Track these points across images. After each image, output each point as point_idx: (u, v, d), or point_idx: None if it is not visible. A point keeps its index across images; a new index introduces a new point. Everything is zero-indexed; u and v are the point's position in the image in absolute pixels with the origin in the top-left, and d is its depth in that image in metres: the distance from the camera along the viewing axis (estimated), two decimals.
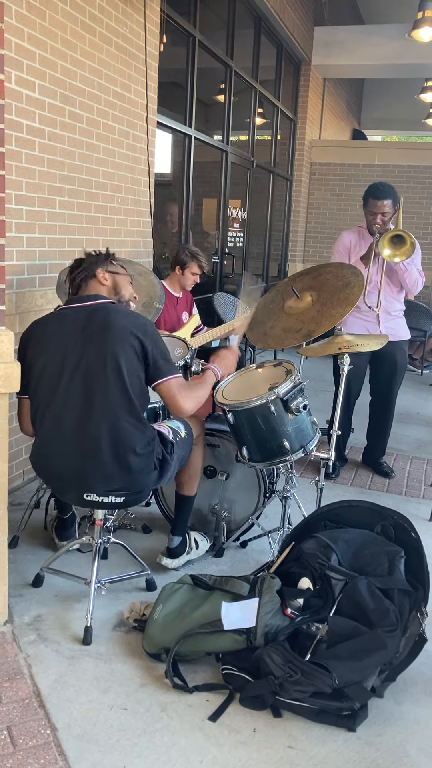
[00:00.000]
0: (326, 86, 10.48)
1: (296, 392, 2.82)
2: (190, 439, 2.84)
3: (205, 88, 6.61)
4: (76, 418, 2.47)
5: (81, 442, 2.47)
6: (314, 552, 2.52)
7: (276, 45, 8.46)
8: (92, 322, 2.50)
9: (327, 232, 10.01)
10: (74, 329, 2.50)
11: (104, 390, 2.45)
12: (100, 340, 2.46)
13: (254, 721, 2.16)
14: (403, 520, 2.61)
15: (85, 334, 2.48)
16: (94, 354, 2.45)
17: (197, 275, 4.35)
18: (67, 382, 2.47)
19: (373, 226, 3.95)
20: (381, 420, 4.39)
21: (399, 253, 3.79)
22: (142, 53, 4.61)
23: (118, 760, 1.98)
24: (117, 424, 2.46)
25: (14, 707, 2.15)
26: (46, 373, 2.49)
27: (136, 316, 2.57)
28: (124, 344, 2.46)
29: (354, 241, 4.15)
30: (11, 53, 3.32)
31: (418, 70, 9.42)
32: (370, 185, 4.01)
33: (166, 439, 2.66)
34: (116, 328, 2.47)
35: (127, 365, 2.45)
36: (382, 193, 3.91)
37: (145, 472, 2.55)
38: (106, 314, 2.51)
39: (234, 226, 7.66)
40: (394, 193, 3.96)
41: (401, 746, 2.10)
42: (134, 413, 2.50)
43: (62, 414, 2.48)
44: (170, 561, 3.00)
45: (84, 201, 4.12)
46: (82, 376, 2.46)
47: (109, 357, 2.44)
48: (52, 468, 2.57)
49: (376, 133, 15.58)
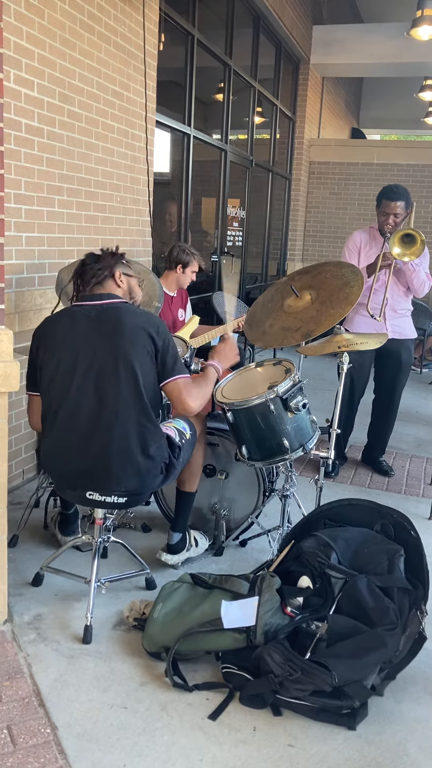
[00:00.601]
0: (325, 85, 10.48)
1: (296, 391, 2.82)
2: (194, 439, 2.85)
3: (204, 87, 6.61)
4: (88, 418, 2.46)
5: (93, 442, 2.46)
6: (314, 550, 2.52)
7: (275, 44, 8.46)
8: (105, 322, 2.49)
9: (326, 231, 10.02)
10: (87, 328, 2.49)
11: (117, 390, 2.44)
12: (112, 340, 2.45)
13: (254, 720, 2.16)
14: (403, 518, 2.61)
15: (97, 334, 2.47)
16: (107, 354, 2.45)
17: (195, 273, 4.35)
18: (80, 382, 2.46)
19: (384, 226, 3.97)
20: (384, 419, 4.39)
21: (409, 252, 3.81)
22: (141, 52, 4.61)
23: (118, 759, 1.98)
24: (130, 425, 2.46)
25: (14, 706, 2.15)
26: (59, 372, 2.48)
27: (149, 316, 2.57)
28: (137, 344, 2.45)
29: (365, 240, 4.16)
30: (10, 52, 3.31)
31: (417, 69, 9.42)
32: (385, 186, 4.05)
33: (174, 444, 2.66)
34: (129, 328, 2.46)
35: (140, 366, 2.45)
36: (395, 195, 3.94)
37: (152, 475, 2.55)
38: (119, 314, 2.51)
39: (233, 225, 7.66)
40: (407, 195, 3.98)
41: (401, 745, 2.10)
42: (147, 414, 2.49)
43: (74, 414, 2.47)
44: (170, 557, 3.01)
45: (83, 200, 4.12)
46: (95, 376, 2.45)
47: (121, 357, 2.44)
48: (61, 466, 2.56)
49: (375, 132, 15.58)
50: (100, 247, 2.74)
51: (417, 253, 3.78)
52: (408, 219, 3.99)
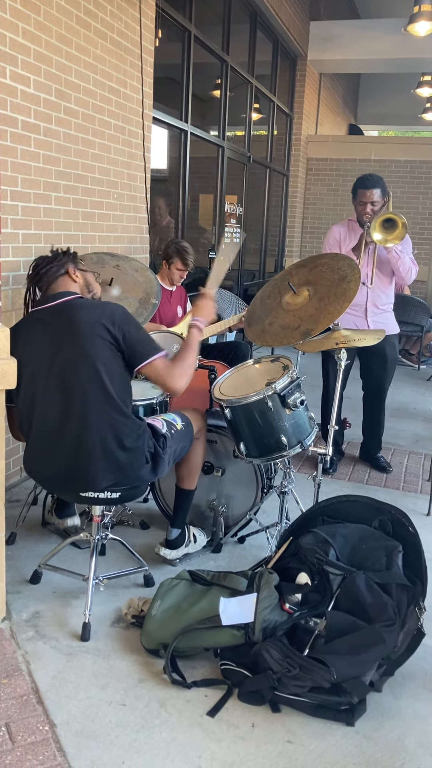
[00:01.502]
0: (322, 81, 10.46)
1: (293, 388, 2.82)
2: (189, 431, 2.83)
3: (201, 83, 6.59)
4: (57, 420, 2.46)
5: (67, 443, 2.46)
6: (312, 547, 2.52)
7: (272, 40, 8.44)
8: (59, 323, 2.47)
9: (324, 228, 10.00)
10: (43, 334, 2.47)
11: (82, 389, 2.42)
12: (69, 339, 2.43)
13: (253, 716, 2.16)
14: (401, 514, 2.61)
15: (54, 336, 2.45)
16: (66, 354, 2.43)
17: (182, 271, 4.33)
18: (44, 387, 2.45)
19: (363, 216, 3.96)
20: (373, 415, 4.40)
21: (391, 237, 3.79)
22: (138, 48, 4.59)
23: (117, 756, 1.98)
24: (99, 421, 2.44)
25: (13, 704, 2.15)
26: (24, 380, 2.47)
27: (102, 306, 2.51)
28: (94, 339, 2.42)
29: (344, 233, 4.15)
30: (6, 48, 3.30)
31: (415, 65, 9.41)
32: (359, 177, 4.03)
33: (158, 433, 2.65)
34: (85, 324, 2.43)
35: (102, 360, 2.42)
36: (370, 182, 3.94)
37: (135, 467, 2.53)
38: (73, 312, 2.48)
39: (230, 222, 7.65)
40: (382, 183, 3.97)
41: (399, 740, 2.10)
42: (116, 407, 2.47)
43: (44, 420, 2.47)
44: (168, 552, 3.01)
45: (80, 197, 4.11)
46: (58, 378, 2.44)
47: (81, 356, 2.41)
48: (45, 471, 2.57)
49: (373, 128, 15.55)
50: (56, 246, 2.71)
51: (400, 237, 3.76)
52: (386, 207, 3.98)
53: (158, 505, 3.31)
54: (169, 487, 3.15)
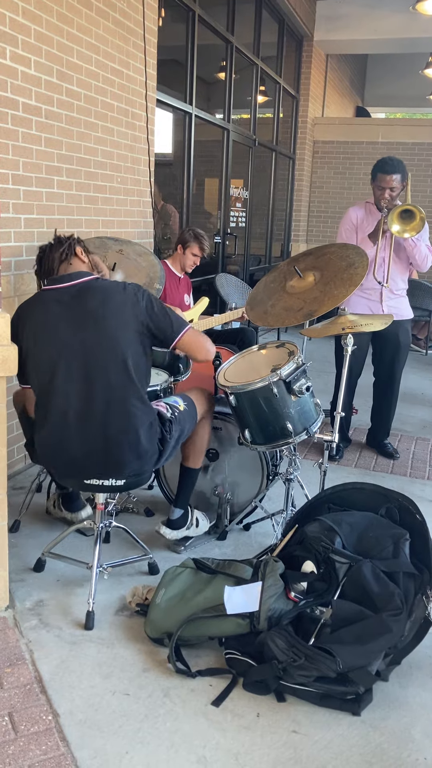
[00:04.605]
0: (329, 62, 10.31)
1: (299, 374, 2.77)
2: (192, 411, 2.81)
3: (205, 65, 6.49)
4: (80, 404, 2.42)
5: (89, 433, 2.43)
6: (318, 535, 2.49)
7: (278, 20, 8.30)
8: (80, 305, 2.43)
9: (330, 211, 9.90)
10: (63, 313, 2.43)
11: (106, 375, 2.40)
12: (94, 323, 2.39)
13: (258, 706, 2.14)
14: (408, 502, 2.58)
15: (77, 318, 2.41)
16: (92, 338, 2.40)
17: (197, 257, 4.34)
18: (66, 370, 2.41)
19: (381, 200, 3.90)
20: (385, 401, 4.35)
21: (408, 228, 3.73)
22: (141, 28, 4.51)
23: (121, 745, 1.97)
24: (123, 411, 2.42)
25: (16, 693, 2.14)
26: (42, 363, 2.43)
27: (128, 291, 2.49)
28: (124, 324, 2.40)
29: (361, 216, 4.08)
30: (5, 27, 3.24)
31: (423, 45, 9.24)
32: (379, 159, 3.95)
33: (164, 418, 2.64)
34: (109, 308, 2.41)
35: (130, 347, 2.41)
36: (391, 167, 3.86)
37: (151, 454, 2.54)
38: (95, 293, 2.44)
39: (236, 206, 7.57)
40: (402, 167, 3.90)
41: (406, 730, 2.08)
42: (139, 396, 2.46)
43: (65, 403, 2.43)
44: (168, 531, 2.99)
45: (83, 180, 4.05)
46: (81, 362, 2.40)
47: (106, 340, 2.39)
48: (61, 455, 2.52)
49: (380, 110, 15.35)
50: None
51: (417, 229, 3.71)
52: (404, 192, 3.92)
53: (162, 492, 3.28)
54: (173, 473, 3.12)
